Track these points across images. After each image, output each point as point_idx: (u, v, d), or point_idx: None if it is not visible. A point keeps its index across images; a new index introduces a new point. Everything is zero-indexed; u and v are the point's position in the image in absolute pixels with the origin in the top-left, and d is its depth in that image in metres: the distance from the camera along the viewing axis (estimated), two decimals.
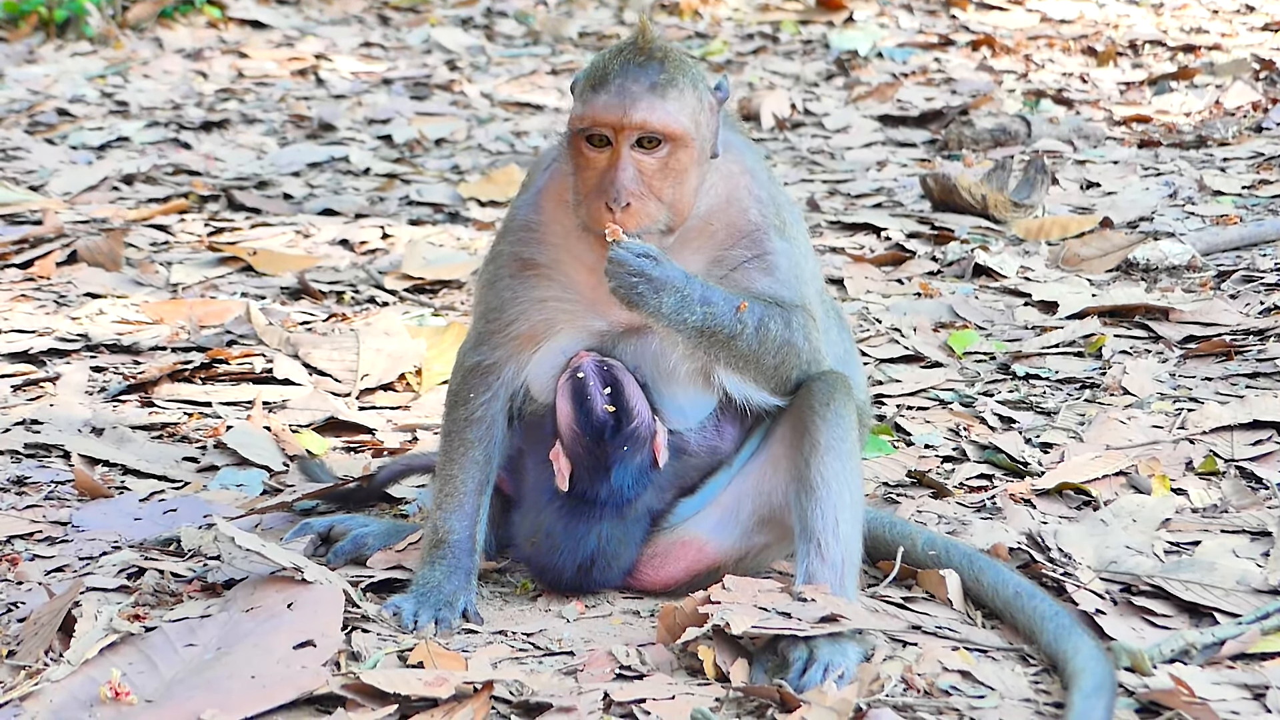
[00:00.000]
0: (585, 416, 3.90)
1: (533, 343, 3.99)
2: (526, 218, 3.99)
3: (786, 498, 3.91)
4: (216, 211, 8.54)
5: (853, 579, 3.81)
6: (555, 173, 3.98)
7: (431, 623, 3.83)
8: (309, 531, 4.38)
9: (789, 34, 13.17)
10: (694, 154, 3.81)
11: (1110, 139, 9.71)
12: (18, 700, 3.40)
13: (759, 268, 3.90)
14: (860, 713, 3.36)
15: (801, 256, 3.99)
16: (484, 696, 3.41)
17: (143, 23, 13.30)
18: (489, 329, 4.03)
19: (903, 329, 6.24)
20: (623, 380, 3.92)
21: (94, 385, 5.82)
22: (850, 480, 3.84)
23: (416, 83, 11.98)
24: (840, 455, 3.83)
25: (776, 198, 4.00)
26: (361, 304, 6.93)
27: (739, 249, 3.91)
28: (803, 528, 3.82)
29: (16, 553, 4.34)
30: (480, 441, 4.03)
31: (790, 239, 3.97)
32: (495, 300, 4.01)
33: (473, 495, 4.03)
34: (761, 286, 3.89)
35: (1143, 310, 6.30)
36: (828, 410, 3.85)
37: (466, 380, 4.04)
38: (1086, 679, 3.44)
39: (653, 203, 3.77)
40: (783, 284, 3.91)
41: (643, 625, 3.88)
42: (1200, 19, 13.04)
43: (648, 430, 3.93)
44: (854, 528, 3.83)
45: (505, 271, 4.00)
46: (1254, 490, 4.67)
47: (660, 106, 3.74)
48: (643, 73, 3.76)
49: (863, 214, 8.10)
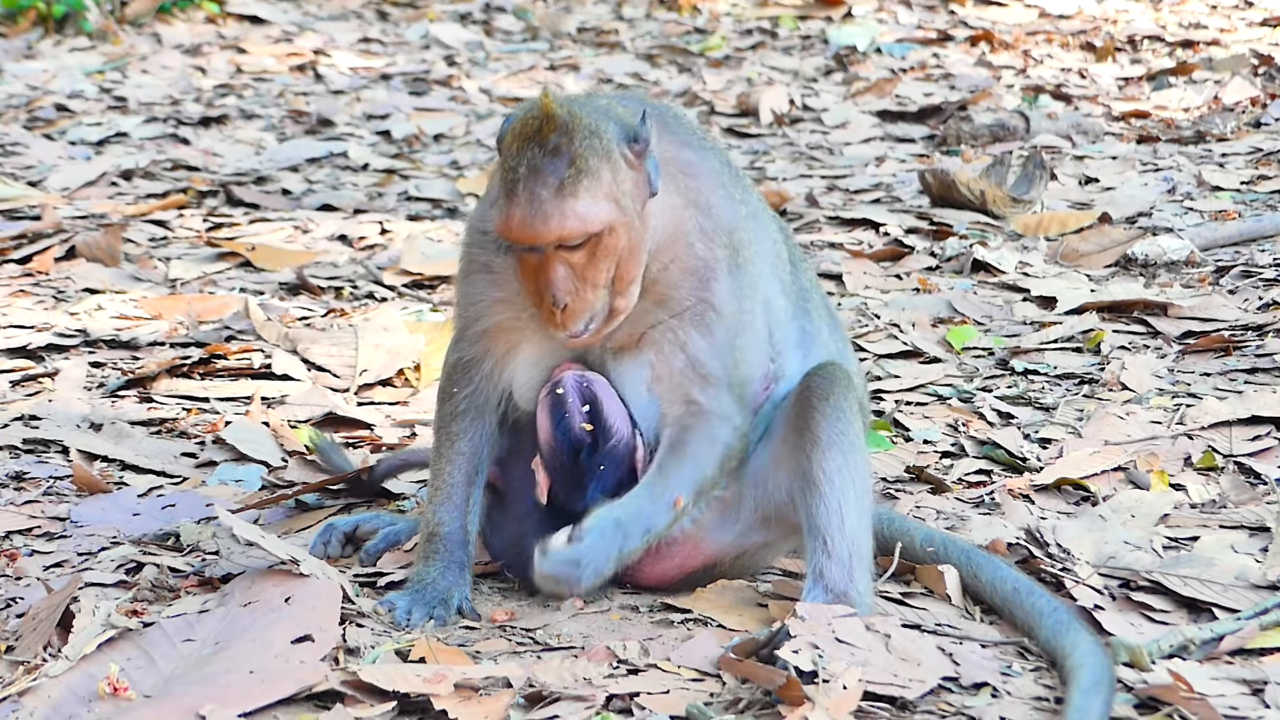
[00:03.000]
0: (563, 434, 3.88)
1: (506, 339, 3.97)
2: (483, 224, 3.93)
3: (790, 495, 3.89)
4: (215, 207, 8.54)
5: (863, 574, 3.79)
6: None
7: (426, 620, 3.83)
8: (334, 532, 4.36)
9: (788, 29, 13.16)
10: (623, 231, 3.70)
11: (1109, 134, 9.71)
12: (16, 696, 3.40)
13: (697, 323, 3.83)
14: (860, 710, 3.37)
15: (749, 289, 3.90)
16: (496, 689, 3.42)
17: (141, 18, 13.29)
18: (464, 323, 4.03)
19: (901, 324, 6.24)
20: (602, 397, 3.89)
21: (92, 381, 5.82)
22: (855, 474, 3.82)
23: (415, 78, 11.98)
24: (843, 449, 3.82)
25: (727, 220, 3.89)
26: (360, 299, 6.93)
27: (685, 287, 3.84)
28: (809, 525, 3.80)
29: (15, 548, 4.34)
30: (466, 434, 4.02)
31: (741, 266, 3.88)
32: (465, 296, 4.02)
33: (461, 487, 4.01)
34: (694, 350, 3.83)
35: (1141, 306, 6.30)
36: (827, 405, 3.84)
37: (451, 374, 4.05)
38: (1085, 674, 3.44)
39: (590, 292, 3.70)
40: (715, 348, 3.84)
41: (641, 620, 3.88)
42: (1199, 14, 13.03)
43: (626, 447, 3.91)
44: (861, 521, 3.81)
45: (472, 268, 3.99)
46: (1252, 486, 4.67)
47: (573, 212, 3.61)
48: (549, 170, 3.61)
49: (861, 209, 8.10)
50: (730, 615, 3.88)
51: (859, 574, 3.78)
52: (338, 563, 4.26)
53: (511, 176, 3.64)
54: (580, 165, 3.62)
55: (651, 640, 3.72)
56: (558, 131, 3.62)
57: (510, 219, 3.64)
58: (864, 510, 3.82)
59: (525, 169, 3.63)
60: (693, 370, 3.85)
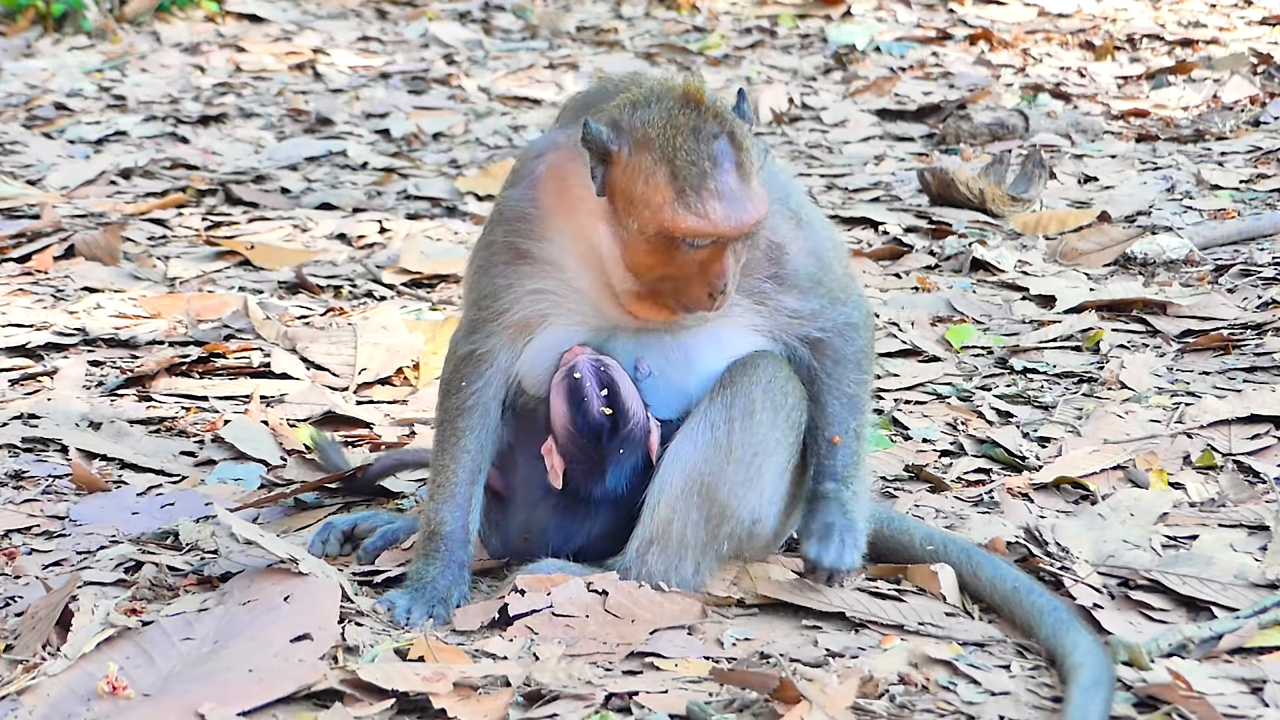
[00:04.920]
0: (582, 418, 3.87)
1: (526, 332, 3.95)
2: (521, 209, 3.91)
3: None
4: (214, 206, 8.54)
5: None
6: (550, 163, 3.89)
7: (425, 619, 3.82)
8: (332, 531, 4.35)
9: (787, 28, 13.16)
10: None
11: (1108, 133, 9.71)
12: (15, 695, 3.40)
13: (783, 288, 3.92)
14: (859, 709, 3.37)
15: (820, 237, 4.01)
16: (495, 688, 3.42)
17: (140, 17, 13.29)
18: (481, 317, 3.97)
19: (900, 323, 6.24)
20: (619, 381, 3.88)
21: (91, 379, 5.82)
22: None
23: (414, 77, 11.97)
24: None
25: (784, 186, 3.99)
26: (359, 298, 6.93)
27: (762, 266, 3.90)
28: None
29: (14, 547, 4.34)
30: (473, 430, 3.98)
31: (806, 224, 3.98)
32: (488, 287, 3.96)
33: (465, 485, 3.98)
34: (794, 307, 3.92)
35: (1140, 304, 6.30)
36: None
37: (459, 369, 3.99)
38: (1084, 673, 3.44)
39: (740, 273, 3.79)
40: (809, 295, 3.94)
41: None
42: (1198, 13, 13.03)
43: (642, 430, 3.91)
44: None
45: (499, 259, 3.93)
46: (1252, 484, 4.67)
47: (760, 196, 3.68)
48: (731, 159, 3.65)
49: (860, 208, 8.10)
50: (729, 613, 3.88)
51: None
52: (336, 561, 4.26)
53: (697, 170, 3.62)
54: (749, 149, 3.69)
55: (651, 639, 3.72)
56: (718, 119, 3.66)
57: (712, 212, 3.62)
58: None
59: (708, 161, 3.63)
60: (792, 317, 3.93)
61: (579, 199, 3.81)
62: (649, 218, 3.65)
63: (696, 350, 3.92)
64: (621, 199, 3.70)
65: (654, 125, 3.66)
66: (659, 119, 3.67)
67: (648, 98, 3.72)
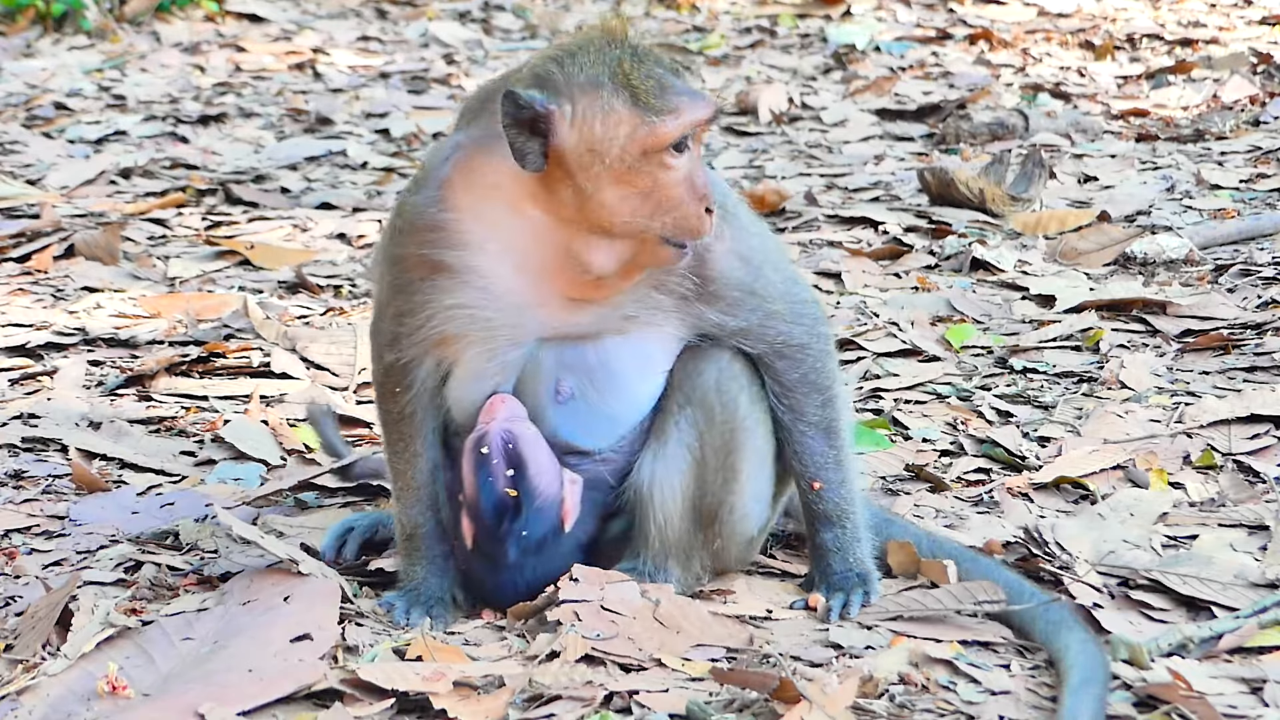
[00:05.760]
0: (486, 497, 3.78)
1: (446, 347, 3.83)
2: (433, 217, 3.74)
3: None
4: (214, 205, 8.53)
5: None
6: (456, 163, 3.74)
7: (425, 619, 3.82)
8: (352, 535, 4.30)
9: (786, 28, 13.16)
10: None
11: (1108, 133, 9.70)
12: (15, 694, 3.40)
13: (705, 296, 3.83)
14: (859, 709, 3.37)
15: (750, 239, 3.92)
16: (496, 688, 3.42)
17: (140, 16, 13.29)
18: (400, 331, 3.84)
19: (900, 323, 6.24)
20: (528, 457, 3.76)
21: (91, 379, 5.82)
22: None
23: (414, 76, 11.97)
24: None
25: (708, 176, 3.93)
26: (359, 298, 6.93)
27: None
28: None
29: (14, 546, 4.34)
30: (418, 433, 3.93)
31: (732, 220, 3.89)
32: (405, 305, 3.81)
33: (427, 485, 3.96)
34: (717, 320, 3.86)
35: (1140, 304, 6.29)
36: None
37: (389, 375, 3.91)
38: (1075, 674, 3.44)
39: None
40: (738, 307, 3.86)
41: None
42: (1198, 13, 13.03)
43: (553, 504, 3.81)
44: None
45: (414, 275, 3.77)
46: (1251, 484, 4.67)
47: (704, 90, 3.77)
48: (671, 67, 3.75)
49: (860, 208, 8.10)
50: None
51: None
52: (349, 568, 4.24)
53: (655, 83, 3.66)
54: (675, 62, 3.78)
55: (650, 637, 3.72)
56: (643, 43, 3.77)
57: (683, 105, 3.66)
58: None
59: (660, 71, 3.71)
60: (719, 332, 3.86)
61: (495, 190, 3.68)
62: (624, 148, 3.60)
63: (620, 365, 3.82)
64: (575, 155, 3.60)
65: (594, 66, 3.67)
66: (596, 60, 3.68)
67: (571, 51, 3.71)
